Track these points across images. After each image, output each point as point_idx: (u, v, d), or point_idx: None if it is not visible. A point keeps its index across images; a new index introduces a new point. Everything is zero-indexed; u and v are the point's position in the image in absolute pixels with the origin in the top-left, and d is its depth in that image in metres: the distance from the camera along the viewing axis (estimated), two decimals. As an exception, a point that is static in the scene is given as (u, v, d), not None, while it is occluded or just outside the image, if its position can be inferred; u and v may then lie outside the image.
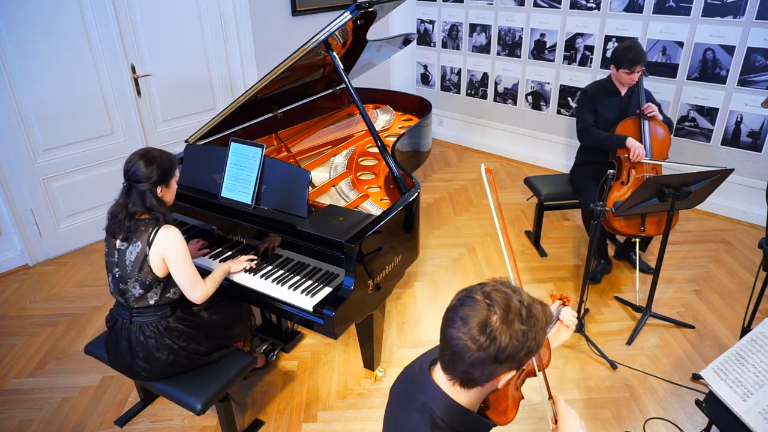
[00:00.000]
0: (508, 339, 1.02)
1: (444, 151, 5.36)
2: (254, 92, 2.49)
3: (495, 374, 1.06)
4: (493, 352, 1.02)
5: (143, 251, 1.86)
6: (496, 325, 1.02)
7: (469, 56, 5.08)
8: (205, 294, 1.98)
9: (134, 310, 1.94)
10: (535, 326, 1.05)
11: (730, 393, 1.71)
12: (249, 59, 4.20)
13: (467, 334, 1.03)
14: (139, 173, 1.88)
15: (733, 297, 3.09)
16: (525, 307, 1.05)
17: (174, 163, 2.00)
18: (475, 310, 1.04)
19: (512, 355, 1.03)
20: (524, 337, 1.03)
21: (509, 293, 1.06)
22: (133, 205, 1.88)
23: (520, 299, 1.06)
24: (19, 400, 2.47)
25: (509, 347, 1.02)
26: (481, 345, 1.02)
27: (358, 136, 3.26)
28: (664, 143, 3.00)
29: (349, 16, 2.31)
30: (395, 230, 2.25)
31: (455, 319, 1.05)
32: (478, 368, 1.05)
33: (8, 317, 3.04)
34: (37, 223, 3.46)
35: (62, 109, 3.36)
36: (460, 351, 1.04)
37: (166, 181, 1.95)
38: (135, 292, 1.90)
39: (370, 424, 2.34)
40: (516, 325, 1.03)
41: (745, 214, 3.92)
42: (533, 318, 1.05)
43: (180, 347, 1.95)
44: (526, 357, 1.06)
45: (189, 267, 1.92)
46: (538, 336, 1.06)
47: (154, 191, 1.90)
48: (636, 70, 2.91)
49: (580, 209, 3.26)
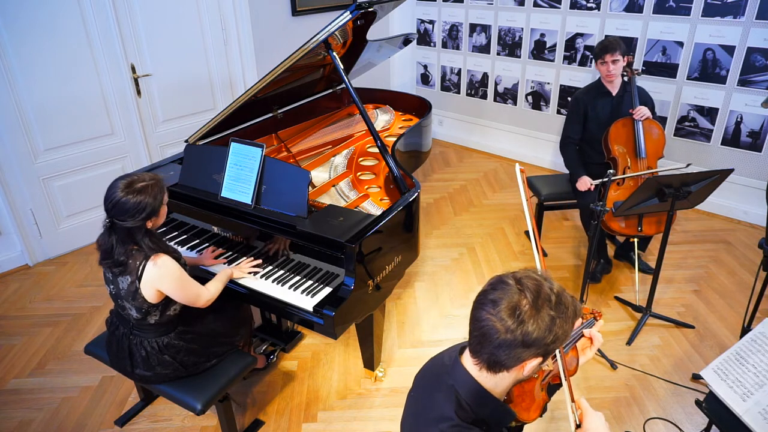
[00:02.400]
0: (536, 323, 1.03)
1: (444, 151, 5.36)
2: (254, 92, 2.49)
3: (521, 358, 1.07)
4: (521, 335, 1.03)
5: (134, 284, 1.77)
6: (525, 309, 1.04)
7: (469, 56, 5.08)
8: (210, 299, 1.96)
9: (134, 326, 1.92)
10: (564, 314, 1.06)
11: (730, 393, 1.71)
12: (249, 59, 4.20)
13: (496, 316, 1.05)
14: (125, 210, 1.66)
15: (733, 297, 3.09)
16: (555, 294, 1.07)
17: (163, 190, 1.80)
18: (506, 293, 1.06)
19: (539, 341, 1.04)
20: (552, 323, 1.04)
21: (540, 280, 1.08)
22: (122, 243, 1.72)
23: (550, 286, 1.07)
24: (19, 400, 2.47)
25: (536, 332, 1.03)
26: (509, 327, 1.03)
27: (358, 136, 3.26)
28: (658, 142, 3.01)
29: (349, 16, 2.31)
30: (395, 230, 2.25)
31: (485, 302, 1.08)
32: (505, 351, 1.06)
33: (8, 317, 3.04)
34: (37, 223, 3.46)
35: (62, 109, 3.36)
36: (487, 332, 1.06)
37: (156, 213, 1.76)
38: (133, 314, 1.86)
39: (370, 424, 2.34)
40: (545, 310, 1.04)
41: (745, 214, 3.92)
42: (562, 305, 1.07)
43: (180, 362, 1.94)
44: (553, 345, 1.06)
45: (186, 288, 1.84)
46: (566, 325, 1.07)
47: (143, 227, 1.73)
48: (608, 59, 2.93)
49: (579, 209, 3.26)
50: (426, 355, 2.66)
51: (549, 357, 1.11)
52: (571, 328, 1.09)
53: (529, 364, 1.08)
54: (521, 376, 1.13)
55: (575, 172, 3.14)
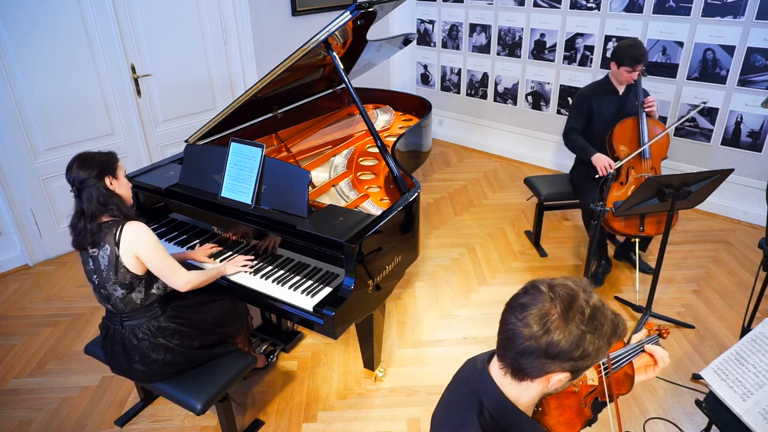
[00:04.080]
0: (562, 335, 0.99)
1: (444, 151, 5.36)
2: (254, 92, 2.49)
3: (544, 370, 1.03)
4: (544, 344, 0.99)
5: (113, 252, 1.82)
6: (554, 318, 0.99)
7: (469, 56, 5.08)
8: (188, 281, 1.94)
9: (124, 315, 1.92)
10: (597, 330, 1.00)
11: (730, 393, 1.71)
12: (249, 59, 4.20)
13: (522, 321, 1.01)
14: (79, 174, 1.82)
15: (733, 297, 3.09)
16: (590, 308, 1.01)
17: (112, 156, 1.93)
18: (536, 300, 1.02)
19: (563, 353, 1.00)
20: (581, 338, 0.99)
21: (576, 291, 1.03)
22: (88, 205, 1.82)
23: (586, 299, 1.02)
24: (19, 400, 2.47)
25: (562, 343, 0.99)
26: (534, 334, 1.00)
27: (358, 136, 3.26)
28: (663, 143, 3.01)
29: (349, 16, 2.31)
30: (395, 230, 2.25)
31: (515, 306, 1.05)
32: (527, 358, 1.02)
33: (8, 317, 3.04)
34: (37, 223, 3.46)
35: (62, 109, 3.36)
36: (512, 336, 1.03)
37: (110, 171, 1.87)
38: (118, 294, 1.87)
39: (370, 424, 2.34)
40: (575, 323, 0.99)
41: (745, 214, 3.92)
42: (597, 321, 1.01)
43: (175, 345, 1.94)
44: (581, 361, 1.02)
45: (164, 258, 1.88)
46: (599, 342, 1.01)
47: (102, 185, 1.84)
48: (637, 69, 2.91)
49: (581, 209, 3.26)
50: (426, 355, 2.69)
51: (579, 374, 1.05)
52: (607, 347, 1.03)
53: (554, 377, 1.04)
54: (547, 389, 1.08)
55: (588, 152, 3.03)
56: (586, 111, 3.14)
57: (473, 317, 2.98)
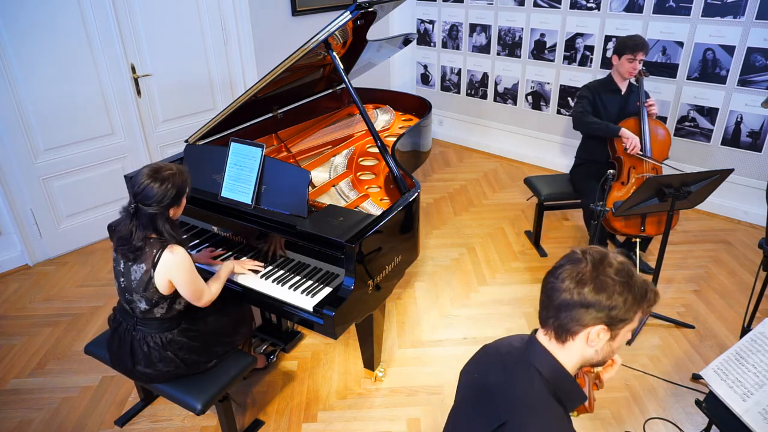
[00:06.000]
0: (593, 284, 1.06)
1: (444, 151, 5.36)
2: (254, 92, 2.49)
3: (582, 322, 1.09)
4: (578, 295, 1.07)
5: (148, 273, 1.79)
6: (586, 271, 1.08)
7: (469, 56, 5.08)
8: (210, 299, 1.96)
9: (139, 320, 1.92)
10: (627, 283, 1.07)
11: (730, 393, 1.71)
12: (249, 59, 4.20)
13: (558, 278, 1.10)
14: (151, 196, 1.73)
15: (733, 297, 3.09)
16: (619, 263, 1.09)
17: (187, 180, 1.84)
18: (570, 260, 1.12)
19: (598, 302, 1.06)
20: (612, 287, 1.06)
21: (608, 252, 1.11)
22: (143, 228, 1.77)
23: (617, 258, 1.10)
24: (19, 400, 2.47)
25: (594, 292, 1.06)
26: (568, 287, 1.08)
27: (358, 136, 3.26)
28: (664, 143, 3.01)
29: (349, 16, 2.31)
30: (395, 230, 2.25)
31: (552, 270, 1.14)
32: (565, 311, 1.09)
33: (8, 317, 3.04)
34: (37, 223, 3.46)
35: (62, 109, 3.36)
36: (550, 294, 1.11)
37: (179, 201, 1.82)
38: (141, 306, 1.87)
39: (370, 424, 2.34)
40: (605, 274, 1.07)
41: (745, 214, 3.92)
42: (625, 273, 1.08)
43: (181, 360, 1.94)
44: (614, 312, 1.07)
45: (195, 283, 1.87)
46: (629, 295, 1.07)
47: (166, 214, 1.78)
48: (638, 57, 2.92)
49: (582, 209, 3.26)
50: (426, 355, 2.69)
51: (616, 329, 1.10)
52: (636, 304, 1.08)
53: (592, 330, 1.09)
54: (588, 352, 1.13)
55: (612, 128, 2.94)
56: (592, 101, 3.13)
57: (473, 317, 2.98)
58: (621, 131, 2.91)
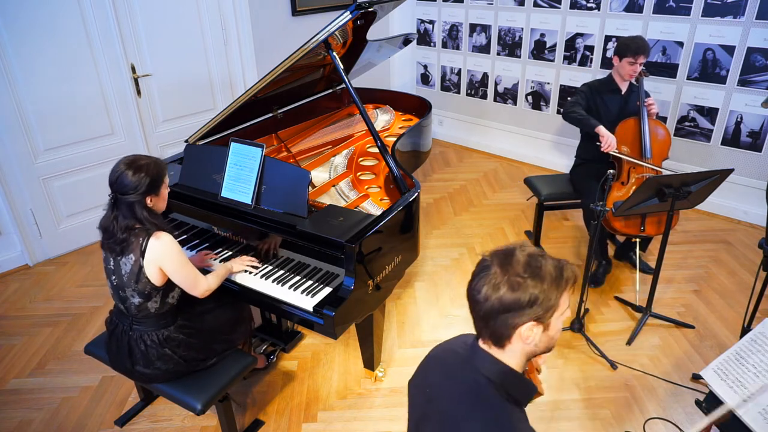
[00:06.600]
0: (506, 287, 1.07)
1: (444, 151, 5.36)
2: (254, 92, 2.49)
3: (510, 324, 1.09)
4: (497, 300, 1.08)
5: (137, 263, 1.81)
6: (496, 276, 1.08)
7: (469, 56, 5.08)
8: (208, 289, 1.96)
9: (135, 319, 1.92)
10: (538, 273, 1.08)
11: (730, 393, 1.71)
12: (249, 59, 4.20)
13: (475, 289, 1.11)
14: (126, 184, 1.78)
15: (733, 297, 3.09)
16: (524, 257, 1.09)
17: (163, 170, 1.89)
18: (481, 268, 1.12)
19: (515, 303, 1.07)
20: (525, 282, 1.07)
21: (513, 247, 1.12)
22: (123, 217, 1.80)
23: (525, 252, 1.11)
24: (19, 400, 2.47)
25: (510, 292, 1.07)
26: (486, 295, 1.09)
27: (358, 136, 3.26)
28: (664, 143, 3.01)
29: (349, 16, 2.31)
30: (395, 230, 2.25)
31: (470, 282, 1.14)
32: (492, 320, 1.10)
33: (8, 317, 3.04)
34: (37, 223, 3.46)
35: (62, 109, 3.36)
36: (473, 306, 1.12)
37: (155, 190, 1.84)
38: (134, 301, 1.87)
39: (370, 424, 2.34)
40: (513, 274, 1.08)
41: (745, 214, 3.92)
42: (533, 264, 1.09)
43: (180, 357, 1.94)
44: (536, 307, 1.07)
45: (187, 269, 1.88)
46: (543, 285, 1.07)
47: (143, 202, 1.81)
48: (639, 60, 2.92)
49: (582, 209, 3.26)
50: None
51: (546, 321, 1.11)
52: (555, 289, 1.09)
53: (523, 329, 1.09)
54: (528, 347, 1.14)
55: (590, 123, 2.92)
56: (590, 99, 3.13)
57: (473, 317, 2.98)
58: (597, 128, 2.91)
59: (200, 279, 1.94)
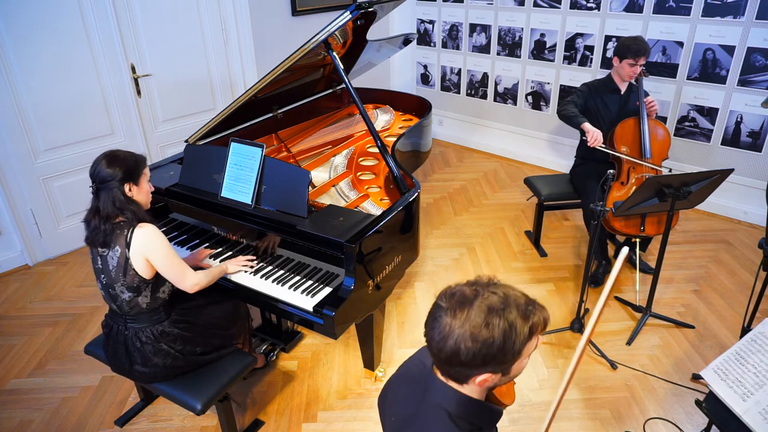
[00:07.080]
0: (462, 342, 0.96)
1: (444, 151, 5.36)
2: (254, 92, 2.49)
3: (469, 374, 1.02)
4: (452, 353, 0.98)
5: (123, 255, 1.82)
6: (454, 326, 0.97)
7: (469, 56, 5.08)
8: (197, 283, 1.95)
9: (128, 317, 1.92)
10: (495, 333, 0.95)
11: (730, 393, 1.71)
12: (249, 59, 4.20)
13: (428, 335, 1.03)
14: (103, 173, 1.85)
15: (733, 297, 3.09)
16: (487, 310, 0.96)
17: (140, 162, 1.94)
18: (433, 315, 1.03)
19: (471, 362, 0.97)
20: (480, 343, 0.96)
21: (470, 297, 0.99)
22: (104, 207, 1.83)
23: (483, 300, 0.98)
24: (19, 400, 2.47)
25: (463, 350, 0.96)
26: (439, 347, 1.00)
27: (358, 136, 3.26)
28: (664, 144, 3.01)
29: (349, 16, 2.31)
30: (395, 230, 2.25)
31: (427, 323, 1.05)
32: (452, 366, 1.02)
33: (8, 317, 3.04)
34: (37, 223, 3.46)
35: (62, 109, 3.36)
36: (433, 350, 1.03)
37: (133, 179, 1.89)
38: (125, 297, 1.87)
39: (370, 424, 2.34)
40: (471, 327, 0.96)
41: (745, 214, 3.92)
42: (491, 326, 0.95)
43: (177, 351, 1.94)
44: (487, 366, 0.99)
45: (174, 260, 1.88)
46: (504, 344, 0.95)
47: (122, 189, 1.85)
48: (639, 62, 2.92)
49: (582, 209, 3.26)
50: (426, 355, 2.67)
51: (506, 371, 1.03)
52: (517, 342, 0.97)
53: (479, 378, 1.02)
54: (489, 385, 1.07)
55: (577, 121, 2.94)
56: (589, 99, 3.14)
57: (473, 317, 2.98)
58: (583, 124, 2.92)
59: (188, 272, 1.93)
